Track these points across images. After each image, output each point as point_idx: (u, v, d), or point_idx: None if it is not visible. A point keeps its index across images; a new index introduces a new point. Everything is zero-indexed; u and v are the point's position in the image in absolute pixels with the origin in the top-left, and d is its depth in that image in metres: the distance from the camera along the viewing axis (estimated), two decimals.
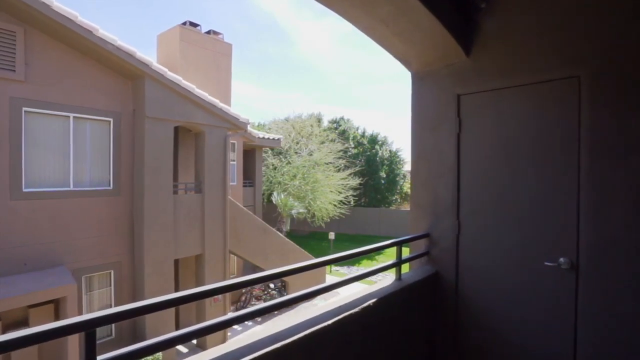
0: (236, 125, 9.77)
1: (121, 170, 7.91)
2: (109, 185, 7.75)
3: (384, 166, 27.47)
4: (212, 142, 9.17)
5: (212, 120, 9.11)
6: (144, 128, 7.72)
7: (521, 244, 2.75)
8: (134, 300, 8.13)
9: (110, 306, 7.87)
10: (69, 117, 7.11)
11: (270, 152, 20.57)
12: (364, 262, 21.72)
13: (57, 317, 6.48)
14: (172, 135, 8.27)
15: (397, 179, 28.89)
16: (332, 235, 18.22)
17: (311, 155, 19.80)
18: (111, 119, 7.73)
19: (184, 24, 10.77)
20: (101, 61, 7.42)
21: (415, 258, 3.17)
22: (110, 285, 7.86)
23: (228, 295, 9.67)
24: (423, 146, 3.25)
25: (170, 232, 8.23)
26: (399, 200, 31.96)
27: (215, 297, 9.32)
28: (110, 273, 7.82)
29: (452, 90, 3.10)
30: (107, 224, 7.70)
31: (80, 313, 7.23)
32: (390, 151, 28.59)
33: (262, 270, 11.96)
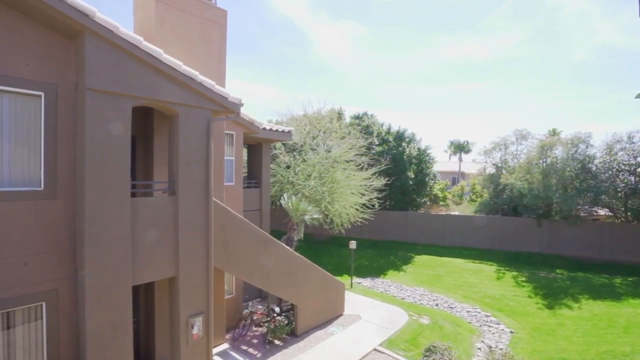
0: (224, 107, 7.49)
1: (58, 164, 5.78)
2: (40, 185, 5.63)
3: (412, 165, 24.63)
4: (189, 128, 6.93)
5: (189, 99, 6.87)
6: (84, 104, 5.57)
7: None
8: (77, 340, 5.98)
9: (42, 347, 5.74)
10: None
11: (283, 148, 18.29)
12: (390, 272, 19.10)
13: None
14: (129, 116, 6.07)
15: (427, 179, 25.99)
16: (353, 245, 15.67)
17: (329, 151, 17.28)
18: (42, 93, 5.62)
19: None
20: (23, 11, 5.33)
21: None
22: (42, 319, 5.74)
23: (212, 330, 7.39)
24: None
25: (126, 247, 6.03)
26: (428, 202, 29.00)
27: (195, 333, 7.06)
28: (41, 306, 5.69)
29: None
30: (37, 237, 5.57)
31: None
32: (418, 149, 25.70)
33: (265, 290, 9.34)
